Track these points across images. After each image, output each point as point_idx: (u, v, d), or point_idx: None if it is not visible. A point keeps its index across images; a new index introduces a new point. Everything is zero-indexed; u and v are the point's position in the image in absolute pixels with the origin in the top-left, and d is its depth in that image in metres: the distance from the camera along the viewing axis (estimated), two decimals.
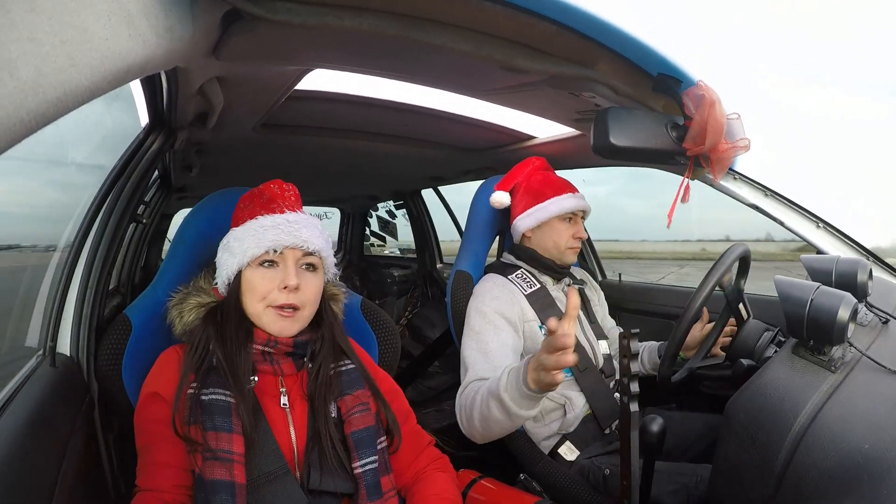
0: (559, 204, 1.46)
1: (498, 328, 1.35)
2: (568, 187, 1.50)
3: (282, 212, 0.98)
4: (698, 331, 1.42)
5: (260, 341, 0.95)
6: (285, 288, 0.93)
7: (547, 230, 1.48)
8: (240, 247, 0.95)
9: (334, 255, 1.07)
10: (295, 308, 0.95)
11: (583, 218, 1.52)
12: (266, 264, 0.95)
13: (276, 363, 0.97)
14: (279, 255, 0.95)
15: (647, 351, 1.57)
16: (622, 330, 0.97)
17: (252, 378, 0.94)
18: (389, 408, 1.01)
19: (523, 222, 1.50)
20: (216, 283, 1.01)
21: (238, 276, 0.96)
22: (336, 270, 1.08)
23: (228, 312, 0.96)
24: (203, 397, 0.87)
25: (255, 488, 0.87)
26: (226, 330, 0.94)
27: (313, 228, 0.99)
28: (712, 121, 1.12)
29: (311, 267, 0.98)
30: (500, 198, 1.54)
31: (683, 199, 1.27)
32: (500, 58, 0.96)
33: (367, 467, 0.93)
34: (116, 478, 1.02)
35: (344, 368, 1.01)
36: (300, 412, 0.96)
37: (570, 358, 0.87)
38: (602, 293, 1.70)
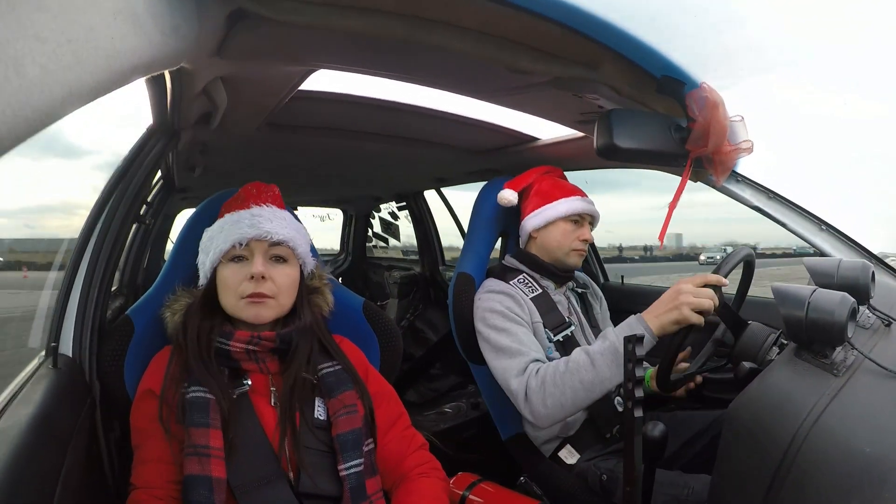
0: (567, 204, 1.48)
1: (520, 322, 1.35)
2: (577, 192, 1.52)
3: (248, 207, 1.01)
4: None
5: (242, 339, 0.95)
6: (252, 278, 0.95)
7: (553, 230, 1.49)
8: (211, 245, 0.99)
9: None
10: (265, 296, 0.96)
11: (591, 224, 1.53)
12: (236, 259, 0.98)
13: (262, 362, 0.97)
14: (246, 249, 0.97)
15: None
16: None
17: (245, 382, 0.96)
18: (372, 410, 1.02)
19: (531, 222, 1.51)
20: (201, 284, 1.03)
21: (215, 274, 0.99)
22: (314, 262, 1.10)
23: (200, 308, 0.99)
24: (188, 396, 0.90)
25: (248, 491, 0.88)
26: (189, 324, 0.96)
27: (279, 220, 1.01)
28: (715, 123, 1.11)
29: (280, 258, 1.00)
30: (508, 196, 1.55)
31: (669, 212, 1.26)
32: (504, 59, 0.96)
33: (352, 470, 0.93)
34: (118, 478, 1.02)
35: (331, 369, 1.01)
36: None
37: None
38: (605, 300, 1.70)
